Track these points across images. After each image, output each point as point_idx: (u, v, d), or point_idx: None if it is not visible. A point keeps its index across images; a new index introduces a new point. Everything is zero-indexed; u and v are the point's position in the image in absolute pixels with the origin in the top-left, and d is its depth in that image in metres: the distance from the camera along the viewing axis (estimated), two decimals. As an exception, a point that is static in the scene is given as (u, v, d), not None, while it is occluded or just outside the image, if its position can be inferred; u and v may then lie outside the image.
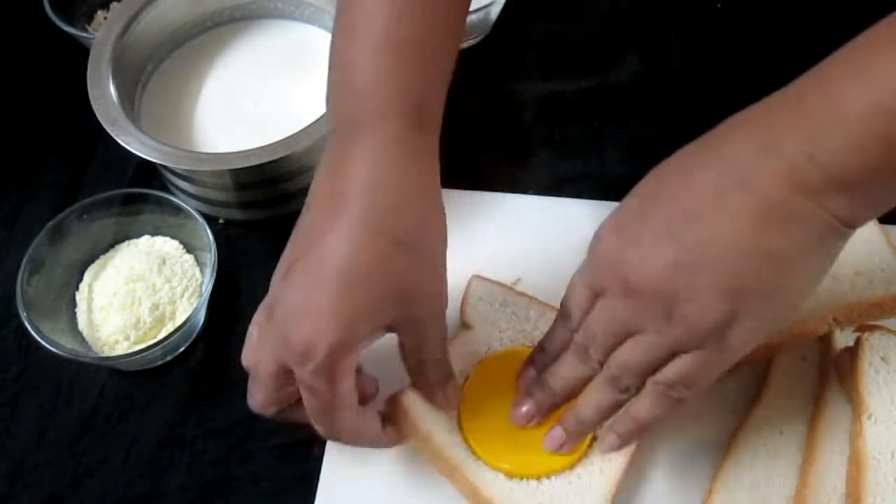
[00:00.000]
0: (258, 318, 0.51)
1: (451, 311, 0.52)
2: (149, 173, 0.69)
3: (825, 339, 0.57)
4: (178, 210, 0.63)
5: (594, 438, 0.53)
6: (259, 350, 0.50)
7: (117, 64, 0.65)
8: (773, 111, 0.43)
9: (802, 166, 0.40)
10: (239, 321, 0.63)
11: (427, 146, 0.49)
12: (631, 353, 0.46)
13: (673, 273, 0.43)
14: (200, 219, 0.62)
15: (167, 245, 0.65)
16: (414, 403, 0.52)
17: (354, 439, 0.51)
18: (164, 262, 0.62)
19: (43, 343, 0.57)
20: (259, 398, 0.51)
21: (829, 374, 0.55)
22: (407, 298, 0.47)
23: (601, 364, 0.48)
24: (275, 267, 0.65)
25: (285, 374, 0.48)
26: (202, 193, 0.66)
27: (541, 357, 0.53)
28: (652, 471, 0.55)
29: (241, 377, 0.61)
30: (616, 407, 0.49)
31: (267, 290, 0.64)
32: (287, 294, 0.48)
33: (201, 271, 0.64)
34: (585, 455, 0.53)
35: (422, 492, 0.55)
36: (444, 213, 0.49)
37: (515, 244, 0.64)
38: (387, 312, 0.47)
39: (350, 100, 0.49)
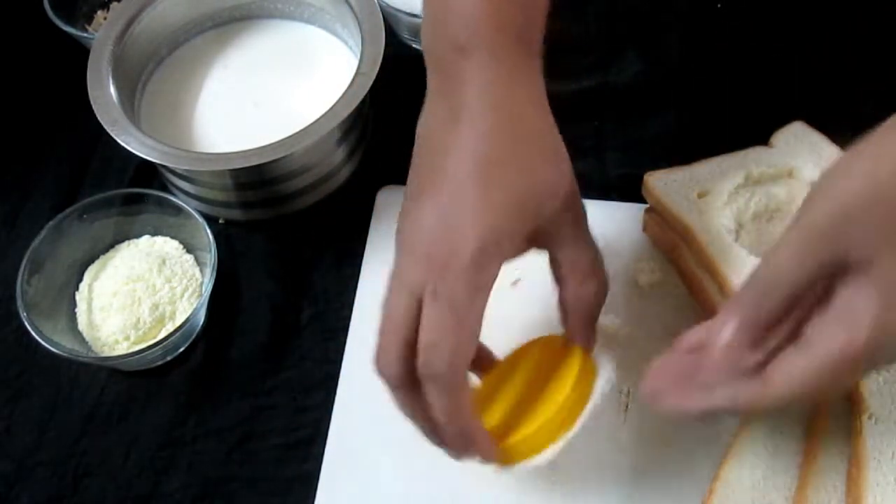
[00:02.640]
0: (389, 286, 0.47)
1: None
2: (149, 173, 0.69)
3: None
4: (178, 210, 0.63)
5: None
6: (390, 296, 0.46)
7: (117, 64, 0.65)
8: None
9: None
10: (239, 321, 0.63)
11: (534, 68, 0.49)
12: None
13: None
14: (200, 219, 0.62)
15: (167, 245, 0.65)
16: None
17: (459, 396, 0.45)
18: (164, 262, 0.62)
19: (43, 343, 0.57)
20: (382, 358, 0.47)
21: (829, 374, 0.55)
22: (549, 195, 0.45)
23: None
24: (275, 267, 0.65)
25: (414, 318, 0.45)
26: (202, 193, 0.66)
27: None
28: (652, 471, 0.55)
29: (241, 377, 0.61)
30: None
31: (267, 290, 0.64)
32: (419, 215, 0.46)
33: (201, 271, 0.64)
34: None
35: (422, 492, 0.55)
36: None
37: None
38: (530, 211, 0.45)
39: (453, 27, 0.48)
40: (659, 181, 0.61)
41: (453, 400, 0.45)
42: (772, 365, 0.41)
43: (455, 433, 0.46)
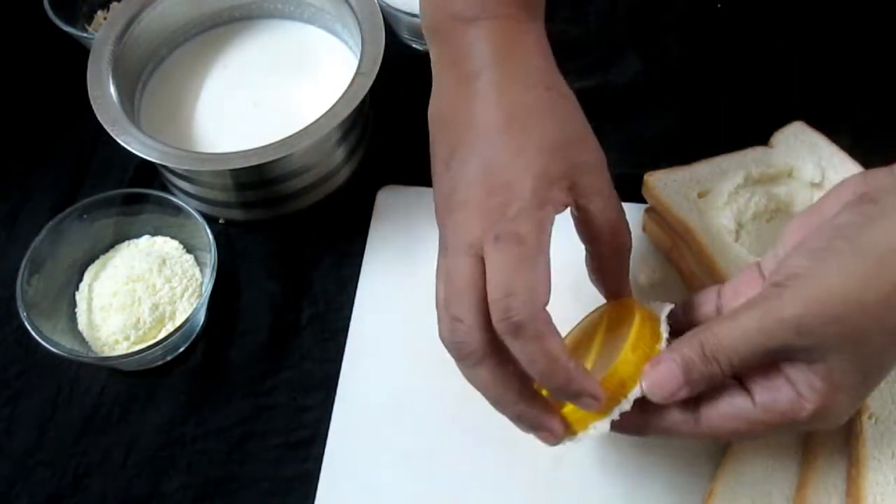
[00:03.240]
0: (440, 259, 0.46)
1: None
2: (149, 173, 0.69)
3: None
4: (178, 210, 0.63)
5: None
6: (446, 263, 0.44)
7: (117, 64, 0.65)
8: None
9: None
10: (239, 321, 0.63)
11: (536, 31, 0.49)
12: None
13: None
14: (200, 219, 0.62)
15: (167, 245, 0.65)
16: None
17: (540, 326, 0.42)
18: (164, 262, 0.62)
19: (43, 343, 0.57)
20: (455, 332, 0.43)
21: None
22: (579, 142, 0.45)
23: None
24: (275, 267, 0.65)
25: (482, 277, 0.43)
26: (202, 193, 0.66)
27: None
28: (652, 470, 0.55)
29: (241, 377, 0.61)
30: None
31: (267, 290, 0.64)
32: (460, 175, 0.45)
33: (201, 271, 0.64)
34: None
35: (422, 492, 0.55)
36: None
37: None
38: (568, 158, 0.45)
39: (454, 1, 0.49)
40: (659, 181, 0.61)
41: (547, 346, 0.42)
42: (710, 406, 0.44)
43: (559, 383, 0.43)
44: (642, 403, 0.45)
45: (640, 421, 0.46)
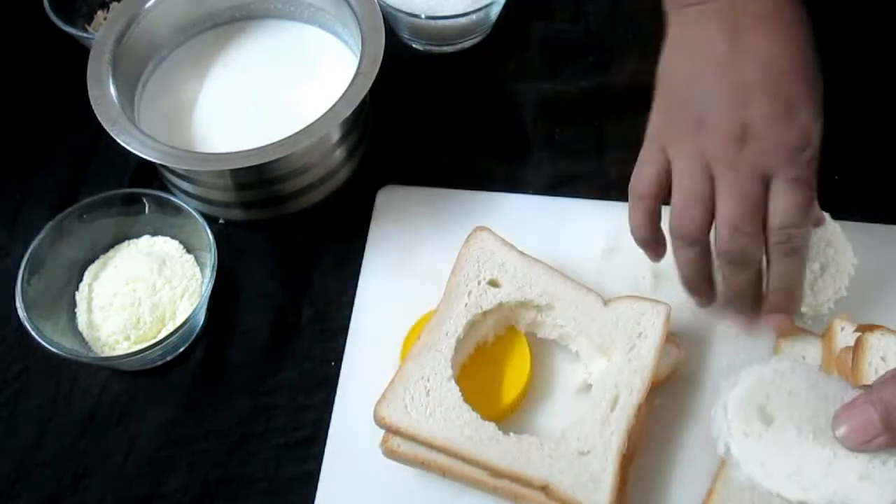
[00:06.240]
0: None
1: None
2: (149, 173, 0.69)
3: (825, 339, 0.57)
4: (178, 210, 0.63)
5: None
6: (736, 180, 0.53)
7: (117, 64, 0.65)
8: None
9: None
10: (239, 321, 0.63)
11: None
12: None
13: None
14: (200, 219, 0.62)
15: (167, 245, 0.65)
16: None
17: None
18: (164, 262, 0.63)
19: (43, 343, 0.57)
20: (689, 223, 0.54)
21: (830, 373, 0.55)
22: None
23: None
24: (275, 267, 0.65)
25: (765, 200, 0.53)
26: (202, 193, 0.66)
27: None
28: (652, 471, 0.55)
29: (241, 377, 0.61)
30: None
31: (267, 290, 0.64)
32: (753, 106, 0.52)
33: (201, 271, 0.64)
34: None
35: (422, 492, 0.55)
36: None
37: (515, 244, 0.64)
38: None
39: None
40: (659, 181, 0.61)
41: (802, 270, 0.55)
42: None
43: (781, 298, 0.55)
44: None
45: None
